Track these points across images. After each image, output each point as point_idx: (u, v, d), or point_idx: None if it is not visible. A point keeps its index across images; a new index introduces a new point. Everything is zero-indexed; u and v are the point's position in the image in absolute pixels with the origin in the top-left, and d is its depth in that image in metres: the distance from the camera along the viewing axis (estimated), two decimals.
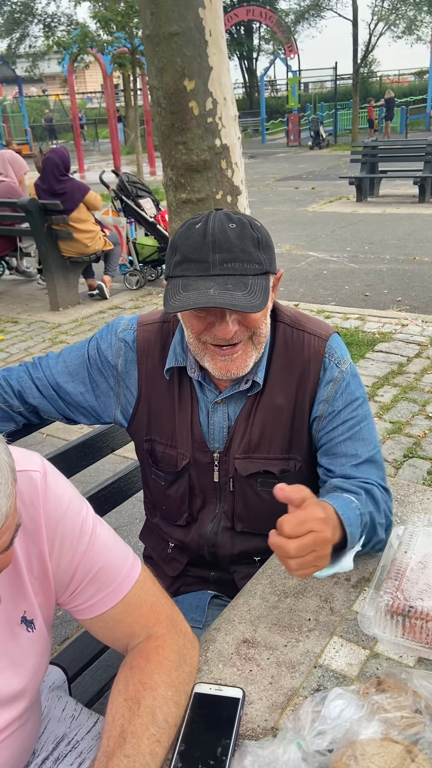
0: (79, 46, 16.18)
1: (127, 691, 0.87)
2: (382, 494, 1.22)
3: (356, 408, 1.26)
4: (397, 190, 12.28)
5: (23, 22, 27.86)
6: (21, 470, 0.87)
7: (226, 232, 1.09)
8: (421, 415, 3.72)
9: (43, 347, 5.28)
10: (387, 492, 1.25)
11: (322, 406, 1.26)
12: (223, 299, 1.06)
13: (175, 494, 1.34)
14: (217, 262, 1.09)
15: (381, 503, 1.20)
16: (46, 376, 1.36)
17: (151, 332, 1.33)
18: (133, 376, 1.32)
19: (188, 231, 1.12)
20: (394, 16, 26.33)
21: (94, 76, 40.50)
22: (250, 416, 1.27)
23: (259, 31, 34.38)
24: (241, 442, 1.27)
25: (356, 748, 0.79)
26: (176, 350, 1.28)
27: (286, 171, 17.40)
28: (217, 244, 1.09)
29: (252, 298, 1.08)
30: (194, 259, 1.10)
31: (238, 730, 0.86)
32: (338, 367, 1.26)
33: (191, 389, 1.29)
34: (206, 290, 1.07)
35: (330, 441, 1.26)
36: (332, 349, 1.27)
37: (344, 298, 6.11)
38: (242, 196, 2.95)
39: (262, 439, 1.27)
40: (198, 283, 1.09)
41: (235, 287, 1.08)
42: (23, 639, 0.90)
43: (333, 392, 1.25)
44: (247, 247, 1.10)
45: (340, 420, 1.25)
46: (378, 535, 1.18)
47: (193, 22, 2.59)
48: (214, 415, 1.28)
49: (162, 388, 1.31)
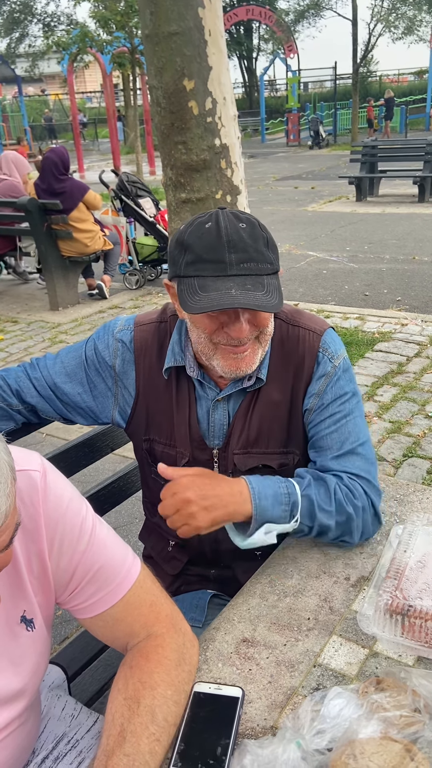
0: (79, 46, 16.18)
1: (126, 690, 0.87)
2: (349, 486, 1.22)
3: (344, 402, 1.28)
4: (397, 189, 12.28)
5: (23, 22, 27.83)
6: (21, 470, 0.87)
7: (239, 232, 1.10)
8: (421, 414, 3.72)
9: (42, 347, 5.28)
10: (371, 485, 1.25)
11: (312, 400, 1.28)
12: (246, 300, 1.07)
13: None
14: (234, 262, 1.09)
15: (338, 494, 1.20)
16: (44, 376, 1.36)
17: (149, 332, 1.33)
18: (131, 376, 1.33)
19: (199, 230, 1.12)
20: (393, 16, 26.30)
21: (93, 76, 40.48)
22: (248, 412, 1.28)
23: (259, 31, 34.37)
24: (240, 437, 1.28)
25: (355, 746, 0.79)
26: (174, 350, 1.28)
27: (285, 171, 17.40)
28: (233, 244, 1.09)
29: (271, 298, 1.10)
30: (210, 259, 1.10)
31: (237, 729, 0.86)
32: (331, 362, 1.28)
33: (189, 388, 1.30)
34: (227, 291, 1.08)
35: (317, 434, 1.29)
36: (326, 344, 1.29)
37: (344, 298, 6.12)
38: (242, 195, 2.95)
39: (260, 435, 1.29)
40: (217, 284, 1.09)
41: (254, 287, 1.09)
42: (23, 638, 0.90)
43: (324, 386, 1.27)
44: (259, 247, 1.12)
45: (327, 413, 1.27)
46: (323, 524, 1.19)
47: (193, 22, 2.59)
48: (215, 413, 1.29)
49: (160, 388, 1.31)
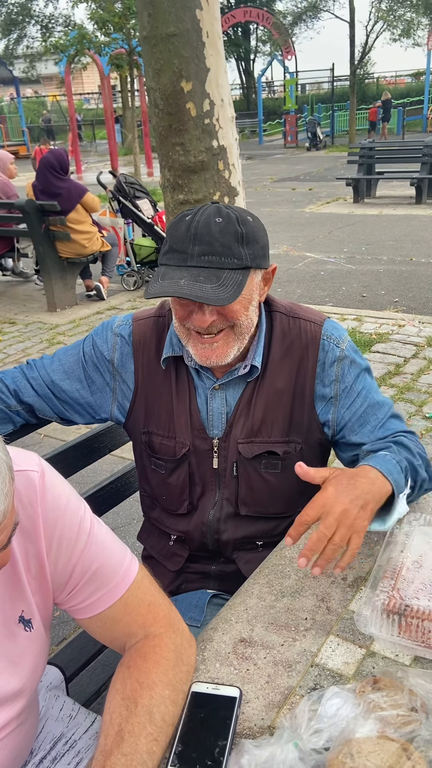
0: (77, 48, 16.18)
1: (124, 690, 0.87)
2: (410, 439, 1.31)
3: (366, 377, 1.34)
4: (394, 191, 12.30)
5: (20, 23, 27.82)
6: (19, 470, 0.87)
7: (210, 225, 1.13)
8: (418, 415, 3.73)
9: (40, 348, 5.28)
10: (412, 433, 1.35)
11: (333, 386, 1.31)
12: (189, 290, 1.10)
13: (176, 482, 1.36)
14: (195, 254, 1.13)
15: (412, 447, 1.29)
16: (41, 375, 1.37)
17: (147, 326, 1.36)
18: (129, 369, 1.35)
19: (179, 222, 1.17)
20: (391, 17, 26.34)
21: (91, 77, 40.44)
22: (251, 402, 1.30)
23: (257, 33, 34.39)
24: (243, 427, 1.30)
25: (352, 746, 0.80)
26: (173, 341, 1.31)
27: (283, 172, 17.42)
28: (198, 237, 1.13)
29: (221, 291, 1.11)
30: (177, 249, 1.15)
31: (235, 729, 0.87)
32: (338, 347, 1.31)
33: (188, 378, 1.32)
34: (178, 280, 1.12)
35: (354, 414, 1.32)
36: (328, 331, 1.32)
37: (341, 299, 6.13)
38: (239, 197, 2.96)
39: (264, 424, 1.31)
40: (174, 273, 1.14)
41: (206, 280, 1.12)
42: (21, 638, 0.90)
43: (340, 370, 1.31)
44: (228, 241, 1.13)
45: (356, 393, 1.32)
46: (421, 475, 1.27)
47: (190, 24, 2.60)
48: (213, 402, 1.31)
49: (159, 380, 1.33)
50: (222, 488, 1.35)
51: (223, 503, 1.36)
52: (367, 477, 1.14)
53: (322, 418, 1.33)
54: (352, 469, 1.17)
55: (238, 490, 1.34)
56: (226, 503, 1.36)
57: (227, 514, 1.36)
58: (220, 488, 1.36)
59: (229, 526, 1.37)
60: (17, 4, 27.34)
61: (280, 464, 1.32)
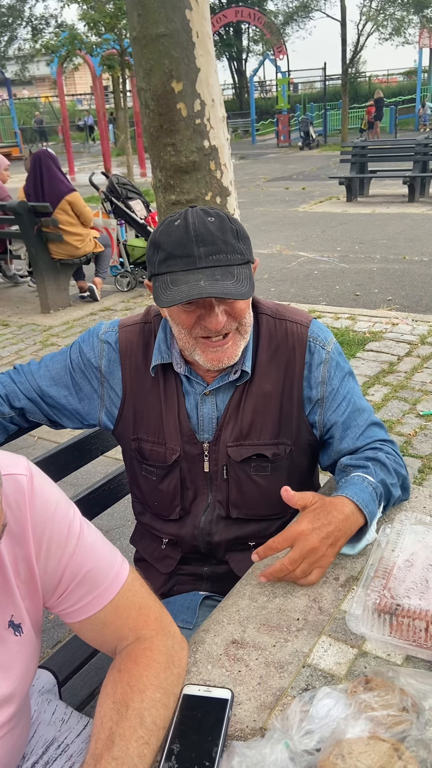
0: (68, 49, 16.14)
1: (115, 694, 0.87)
2: (387, 452, 1.30)
3: (350, 381, 1.35)
4: (387, 189, 12.32)
5: (11, 25, 27.73)
6: (7, 474, 0.87)
7: (207, 225, 1.13)
8: (412, 413, 3.74)
9: (33, 350, 5.27)
10: (391, 443, 1.34)
11: (320, 389, 1.31)
12: (214, 289, 1.09)
13: (167, 488, 1.35)
14: (202, 255, 1.12)
15: (389, 464, 1.28)
16: (29, 380, 1.37)
17: (133, 333, 1.35)
18: (117, 376, 1.34)
19: (168, 228, 1.15)
20: (381, 16, 26.36)
21: (83, 78, 40.40)
22: (240, 405, 1.30)
23: (248, 32, 34.40)
24: (233, 430, 1.30)
25: (343, 746, 0.79)
26: (161, 348, 1.30)
27: (276, 172, 17.43)
28: (201, 238, 1.12)
29: (241, 286, 1.12)
30: (179, 254, 1.13)
31: (226, 731, 0.86)
32: (324, 349, 1.32)
33: (177, 384, 1.32)
34: (196, 282, 1.10)
35: (339, 417, 1.32)
36: (314, 333, 1.32)
37: (335, 298, 6.13)
38: (231, 197, 2.95)
39: (253, 427, 1.30)
40: (187, 277, 1.12)
41: (223, 277, 1.12)
42: (11, 643, 0.89)
43: (326, 372, 1.31)
44: (228, 238, 1.14)
45: (341, 396, 1.32)
46: (394, 495, 1.27)
47: (180, 24, 2.59)
48: (203, 407, 1.31)
49: (147, 387, 1.33)
50: (214, 491, 1.35)
51: (215, 506, 1.36)
52: (342, 512, 1.14)
53: (311, 419, 1.33)
54: (330, 500, 1.16)
55: (229, 493, 1.34)
56: (218, 506, 1.36)
57: (219, 516, 1.36)
58: (211, 491, 1.35)
59: (220, 528, 1.37)
60: (7, 6, 27.25)
61: (270, 467, 1.32)
